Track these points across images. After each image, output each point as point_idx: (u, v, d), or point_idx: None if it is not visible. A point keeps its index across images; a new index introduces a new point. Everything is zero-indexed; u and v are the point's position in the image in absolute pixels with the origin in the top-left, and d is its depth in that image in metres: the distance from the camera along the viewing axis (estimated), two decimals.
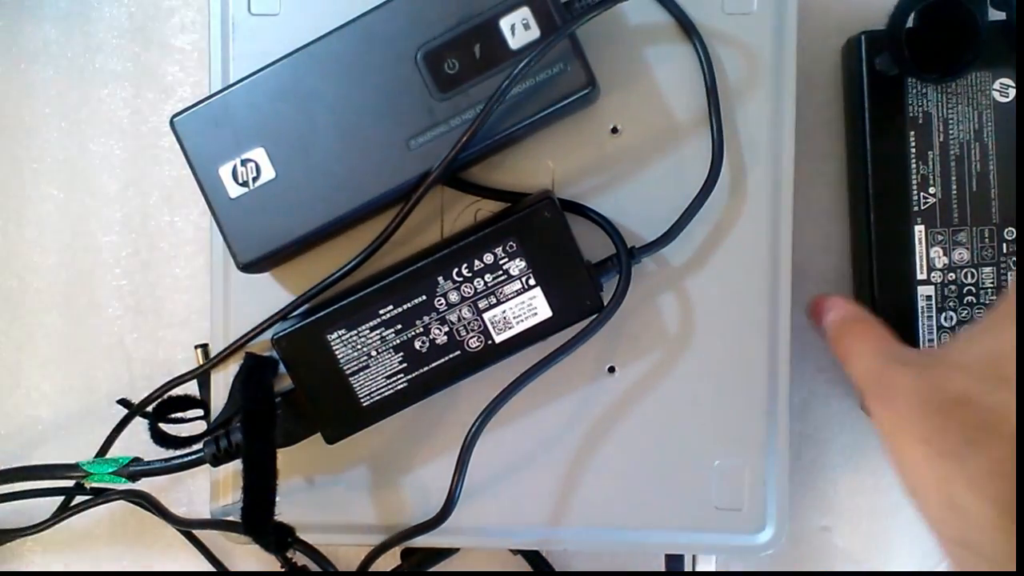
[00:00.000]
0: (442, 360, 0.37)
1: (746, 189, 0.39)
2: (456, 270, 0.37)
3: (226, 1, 0.40)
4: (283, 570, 0.40)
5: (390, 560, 0.43)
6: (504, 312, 0.37)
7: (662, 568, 0.44)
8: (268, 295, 0.40)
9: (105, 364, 0.47)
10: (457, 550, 0.44)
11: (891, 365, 0.32)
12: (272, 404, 0.38)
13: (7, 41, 0.46)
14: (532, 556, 0.44)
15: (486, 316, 0.37)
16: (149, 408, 0.41)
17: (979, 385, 0.29)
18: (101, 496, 0.43)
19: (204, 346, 0.42)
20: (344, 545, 0.44)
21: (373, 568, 0.41)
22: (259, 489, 0.37)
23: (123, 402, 0.44)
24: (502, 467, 0.40)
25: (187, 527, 0.44)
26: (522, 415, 0.40)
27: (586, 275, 0.37)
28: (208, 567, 0.46)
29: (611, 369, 0.40)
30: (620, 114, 0.39)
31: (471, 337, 0.37)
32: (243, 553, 0.47)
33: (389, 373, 0.38)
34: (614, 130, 0.40)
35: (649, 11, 0.39)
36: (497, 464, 0.40)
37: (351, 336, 0.37)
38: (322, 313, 0.37)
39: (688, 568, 0.43)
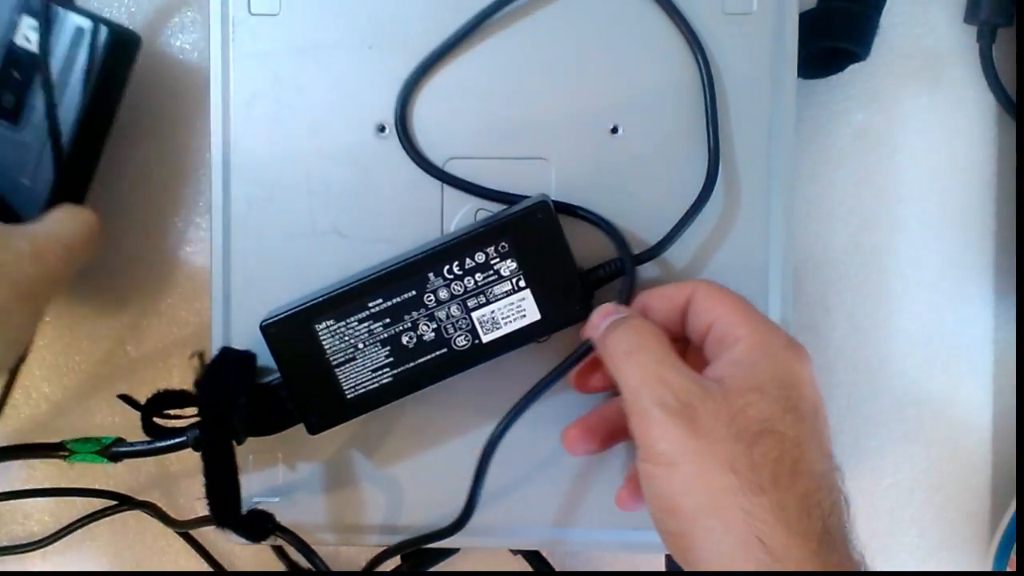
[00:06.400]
0: (428, 357, 0.37)
1: (746, 190, 0.39)
2: (447, 267, 0.37)
3: (226, 1, 0.40)
4: (285, 570, 0.40)
5: (390, 559, 0.43)
6: (493, 312, 0.37)
7: (662, 568, 0.44)
8: (268, 296, 0.40)
9: (105, 366, 0.47)
10: (457, 550, 0.44)
11: (682, 381, 0.31)
12: (229, 399, 0.37)
13: None
14: (532, 556, 0.44)
15: (475, 315, 0.37)
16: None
17: (781, 416, 0.30)
18: (111, 509, 0.44)
19: (200, 354, 0.41)
20: (346, 546, 0.44)
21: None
22: (219, 479, 0.37)
23: (124, 397, 0.43)
24: (502, 468, 0.40)
25: (183, 528, 0.44)
26: (523, 416, 0.40)
27: (577, 280, 0.37)
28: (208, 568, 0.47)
29: None
30: (620, 114, 0.39)
31: (459, 335, 0.37)
32: (245, 555, 0.47)
33: (375, 367, 0.37)
34: (614, 130, 0.40)
35: (650, 11, 0.39)
36: (498, 465, 0.40)
37: (339, 327, 0.37)
38: (312, 302, 0.37)
39: None
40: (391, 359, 0.37)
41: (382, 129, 0.40)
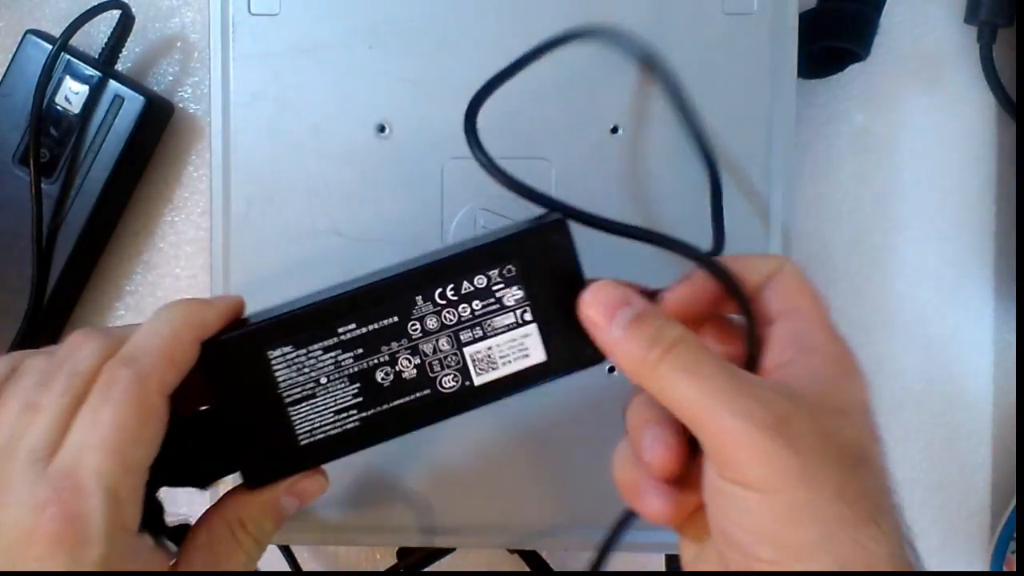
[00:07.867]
0: (407, 399, 0.30)
1: (746, 190, 0.39)
2: (440, 290, 0.30)
3: (226, 1, 0.40)
4: (287, 571, 0.40)
5: (388, 559, 0.43)
6: (490, 349, 0.30)
7: (662, 568, 0.44)
8: (267, 296, 0.40)
9: None
10: (454, 549, 0.44)
11: (767, 392, 0.27)
12: None
13: (7, 42, 0.46)
14: (530, 556, 0.44)
15: (467, 351, 0.30)
16: None
17: (872, 443, 0.28)
18: None
19: None
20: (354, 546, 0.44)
21: (359, 568, 0.41)
22: None
23: None
24: (502, 467, 0.40)
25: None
26: (522, 415, 0.40)
27: None
28: None
29: (611, 369, 0.40)
30: (620, 114, 0.39)
31: (446, 375, 0.30)
32: None
33: (340, 407, 0.30)
34: (614, 130, 0.40)
35: (650, 12, 0.39)
36: (497, 464, 0.40)
37: (298, 356, 0.30)
38: (267, 320, 0.30)
39: None
40: (360, 399, 0.30)
41: (382, 129, 0.40)
